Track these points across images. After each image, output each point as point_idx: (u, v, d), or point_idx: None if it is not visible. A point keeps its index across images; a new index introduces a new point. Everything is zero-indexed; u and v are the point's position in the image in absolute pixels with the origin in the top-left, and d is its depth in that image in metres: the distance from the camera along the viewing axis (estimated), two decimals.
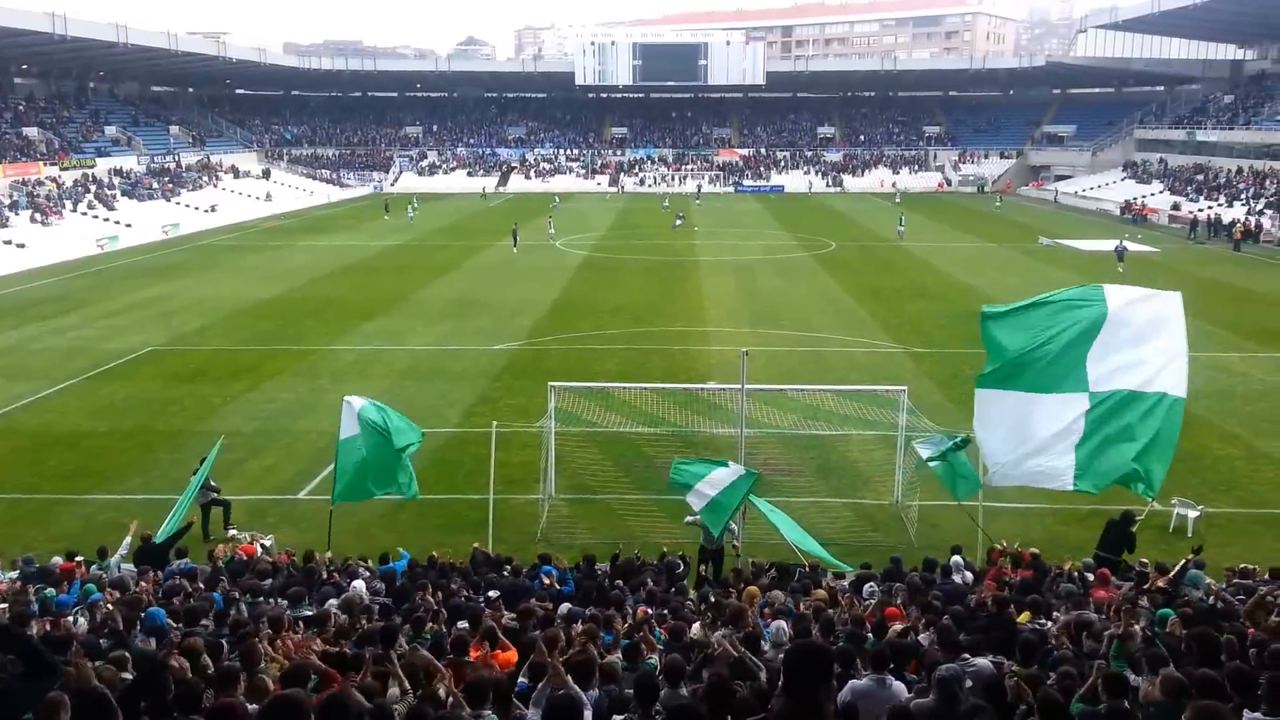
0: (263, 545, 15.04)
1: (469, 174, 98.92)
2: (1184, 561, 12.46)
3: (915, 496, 17.06)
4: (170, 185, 72.57)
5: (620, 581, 12.57)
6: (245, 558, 13.95)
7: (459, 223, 67.45)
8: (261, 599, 11.46)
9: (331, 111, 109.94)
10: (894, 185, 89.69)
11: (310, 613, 10.58)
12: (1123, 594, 11.31)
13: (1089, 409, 11.88)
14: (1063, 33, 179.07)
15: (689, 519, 14.93)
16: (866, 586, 12.29)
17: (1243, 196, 64.88)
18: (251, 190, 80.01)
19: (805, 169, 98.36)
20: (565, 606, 11.09)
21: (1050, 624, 9.80)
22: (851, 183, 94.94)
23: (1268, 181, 65.41)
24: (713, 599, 11.57)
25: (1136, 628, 8.69)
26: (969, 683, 6.80)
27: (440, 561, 13.59)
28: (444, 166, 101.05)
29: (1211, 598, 11.05)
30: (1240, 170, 70.07)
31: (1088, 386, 11.95)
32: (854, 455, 20.25)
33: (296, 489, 19.07)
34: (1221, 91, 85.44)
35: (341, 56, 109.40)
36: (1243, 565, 13.25)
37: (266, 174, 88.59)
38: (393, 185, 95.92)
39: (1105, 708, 6.36)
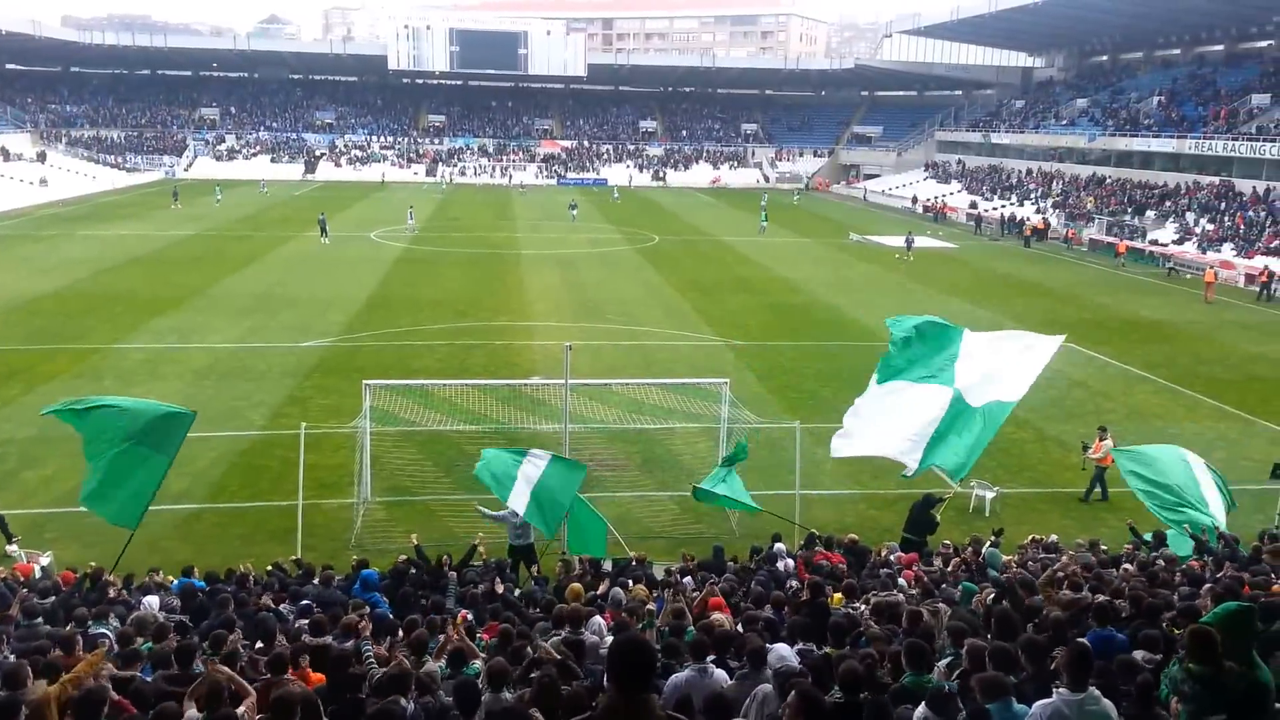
0: (40, 565, 13.88)
1: (273, 160, 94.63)
2: (988, 541, 13.48)
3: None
4: None
5: (447, 582, 12.33)
6: (21, 578, 12.83)
7: (262, 211, 64.40)
8: (39, 620, 10.56)
9: (117, 90, 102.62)
10: (760, 181, 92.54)
11: (103, 632, 9.88)
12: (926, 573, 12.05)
13: (950, 406, 13.34)
14: (870, 37, 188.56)
15: (490, 514, 14.82)
16: (688, 578, 12.54)
17: (1032, 196, 70.28)
18: (24, 174, 73.60)
19: (628, 163, 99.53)
20: (380, 614, 10.77)
21: (863, 606, 10.29)
22: (674, 177, 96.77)
23: (1055, 182, 71.12)
24: (546, 599, 11.53)
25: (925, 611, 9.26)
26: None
27: (242, 573, 12.92)
28: (244, 151, 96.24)
29: (1007, 575, 11.90)
30: (1030, 171, 75.87)
31: (954, 383, 13.59)
32: (678, 448, 20.63)
33: (79, 501, 17.67)
34: (1013, 97, 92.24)
35: (128, 31, 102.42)
36: (1033, 537, 14.41)
37: (42, 157, 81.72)
38: (186, 170, 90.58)
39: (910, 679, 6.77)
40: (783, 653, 7.72)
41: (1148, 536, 13.89)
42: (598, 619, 9.53)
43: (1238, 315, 38.02)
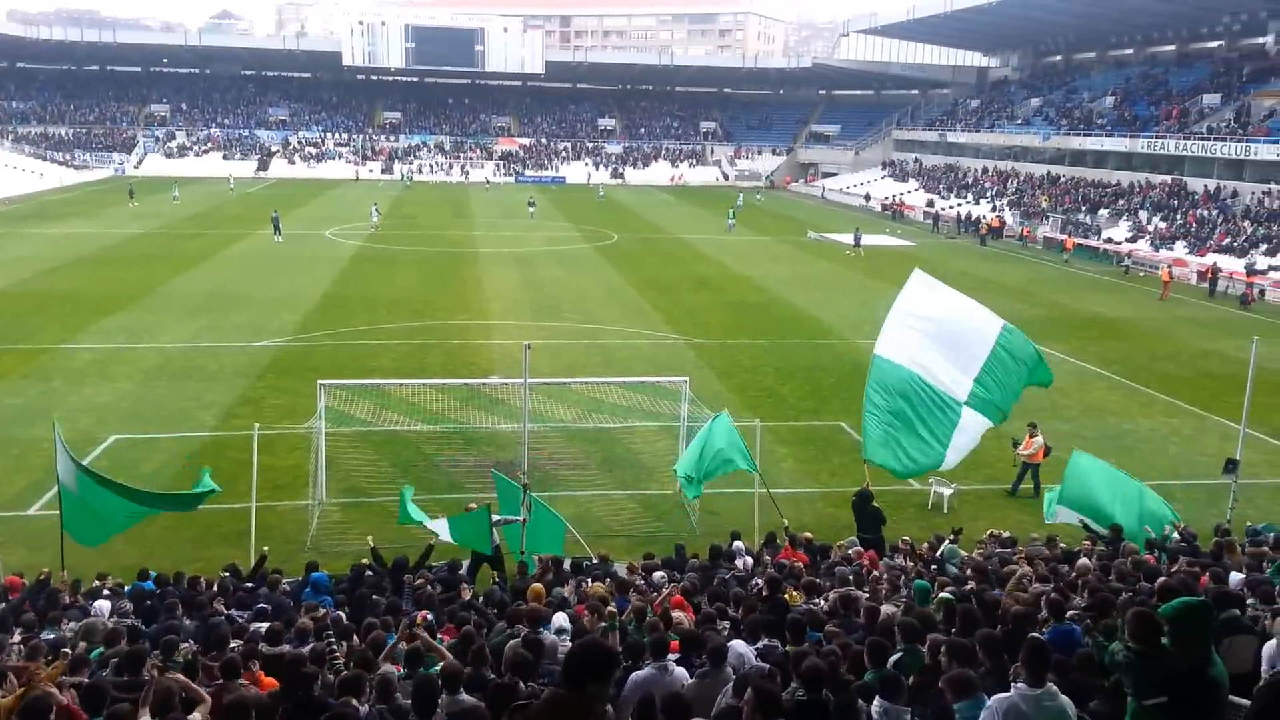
0: None
1: (224, 157, 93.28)
2: (946, 539, 13.64)
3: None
4: None
5: (403, 584, 12.20)
6: None
7: (214, 209, 63.42)
8: None
9: (65, 86, 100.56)
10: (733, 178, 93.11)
11: (51, 638, 9.67)
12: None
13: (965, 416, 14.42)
14: (827, 36, 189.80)
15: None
16: (657, 574, 12.53)
17: (988, 195, 71.19)
18: None
19: (586, 160, 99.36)
20: (336, 616, 10.63)
21: (823, 603, 10.33)
22: (633, 175, 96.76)
23: (1010, 181, 72.08)
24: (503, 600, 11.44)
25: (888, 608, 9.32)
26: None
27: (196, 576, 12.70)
28: (195, 148, 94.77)
29: (969, 569, 12.02)
30: (986, 170, 76.85)
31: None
32: (638, 447, 20.60)
33: (26, 504, 17.28)
34: (969, 96, 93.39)
35: (76, 26, 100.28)
36: (991, 532, 14.57)
37: None
38: (137, 168, 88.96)
39: (873, 675, 6.80)
40: (740, 650, 7.72)
41: (1104, 531, 14.09)
42: (559, 617, 9.47)
43: (1190, 312, 38.77)
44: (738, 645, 7.83)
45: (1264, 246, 46.35)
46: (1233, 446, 16.79)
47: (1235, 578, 9.94)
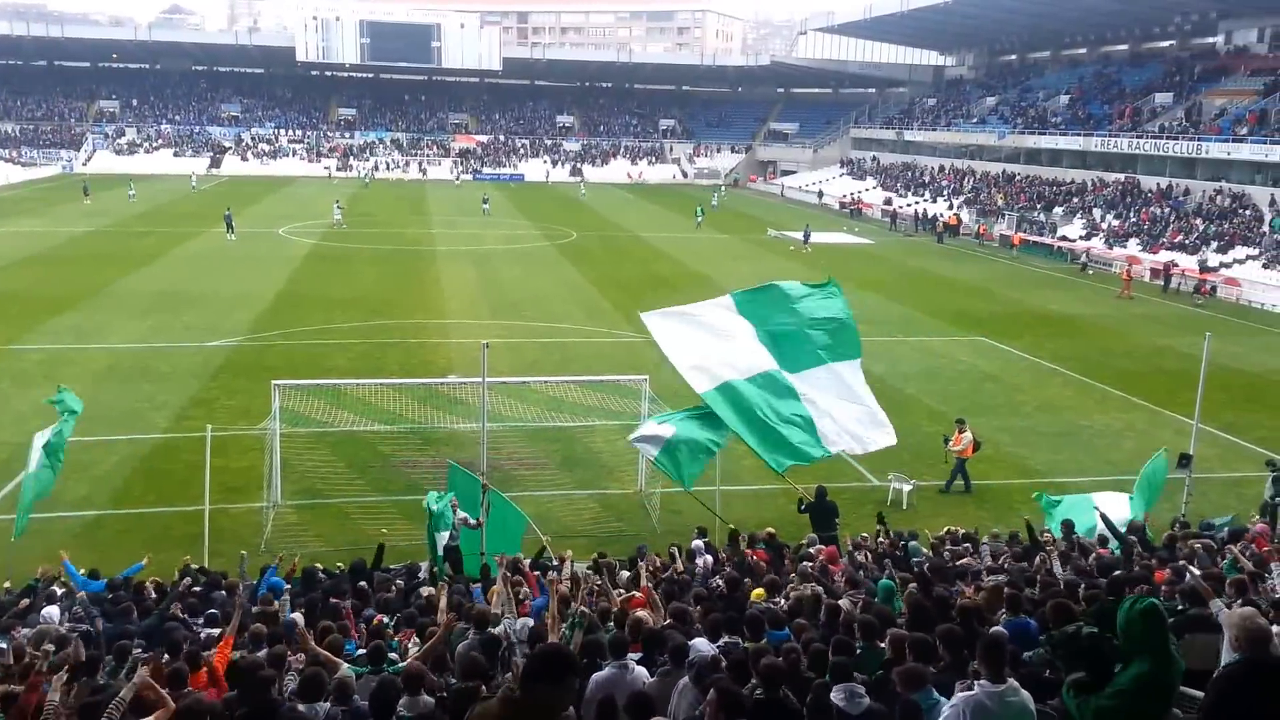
0: None
1: (175, 154, 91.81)
2: (903, 537, 13.77)
3: (658, 484, 17.58)
4: None
5: (362, 586, 12.06)
6: None
7: (165, 207, 62.37)
8: None
9: (11, 82, 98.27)
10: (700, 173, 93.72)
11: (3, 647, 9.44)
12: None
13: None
14: (785, 34, 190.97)
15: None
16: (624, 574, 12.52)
17: (945, 193, 71.99)
18: None
19: (545, 158, 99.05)
20: (296, 617, 10.48)
21: (784, 601, 10.37)
22: (591, 173, 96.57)
23: (966, 179, 72.95)
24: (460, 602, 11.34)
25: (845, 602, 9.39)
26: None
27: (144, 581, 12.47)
28: (146, 145, 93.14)
29: (927, 565, 12.13)
30: (943, 168, 77.69)
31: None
32: (598, 446, 20.56)
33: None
34: (925, 95, 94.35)
35: (21, 21, 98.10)
36: (949, 529, 14.73)
37: None
38: (85, 165, 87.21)
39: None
40: (700, 647, 7.72)
41: (1054, 527, 14.31)
42: (521, 620, 9.41)
43: (1144, 309, 39.48)
44: (698, 643, 7.83)
45: (1215, 244, 47.31)
46: (1186, 441, 17.11)
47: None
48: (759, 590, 10.55)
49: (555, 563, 13.61)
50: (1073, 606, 6.16)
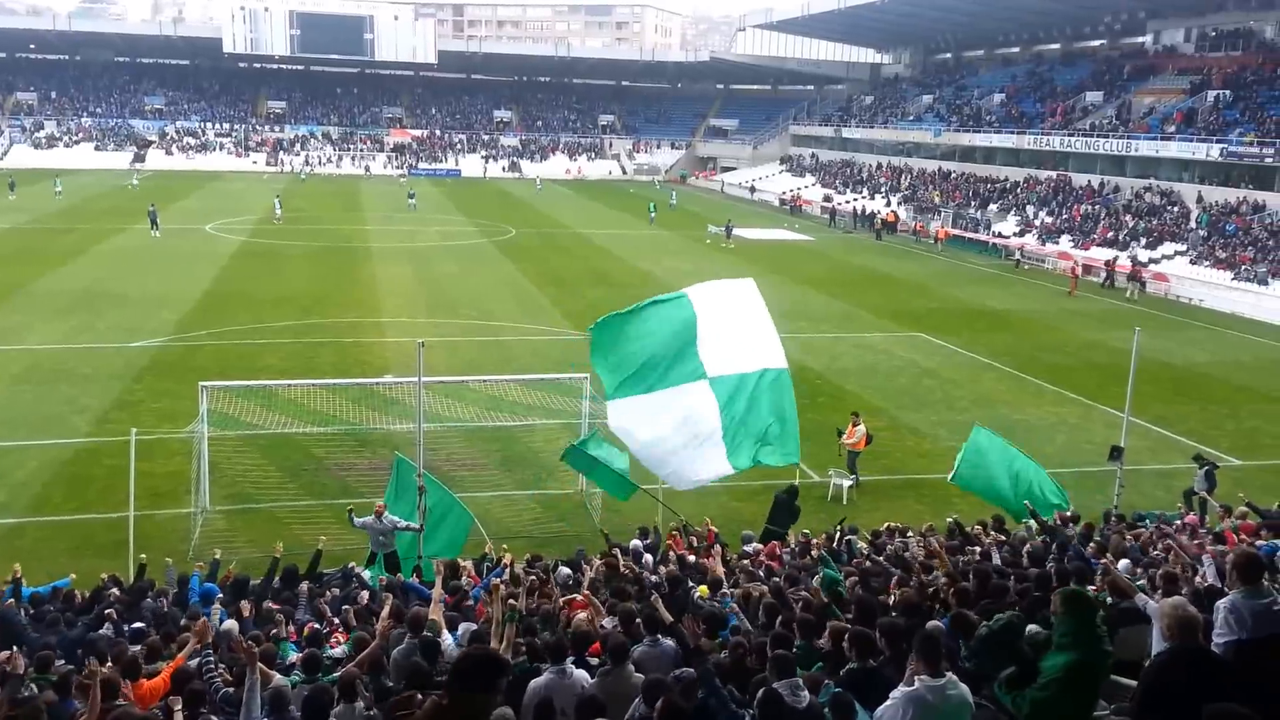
0: None
1: (97, 148, 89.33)
2: (838, 531, 13.96)
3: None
4: None
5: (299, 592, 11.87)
6: None
7: (87, 203, 60.62)
8: None
9: None
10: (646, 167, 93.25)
11: None
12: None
13: (716, 395, 12.75)
14: (724, 30, 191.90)
15: (356, 521, 14.50)
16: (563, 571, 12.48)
17: (883, 190, 73.02)
18: None
19: (483, 153, 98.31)
20: (230, 624, 10.27)
21: (729, 597, 10.41)
22: (530, 168, 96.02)
23: (904, 176, 74.06)
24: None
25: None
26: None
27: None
28: (66, 139, 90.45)
29: (867, 562, 12.28)
30: (881, 165, 78.77)
31: (705, 373, 12.86)
32: (538, 445, 20.46)
33: None
34: (863, 92, 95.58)
35: None
36: (888, 525, 14.95)
37: None
38: (1, 159, 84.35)
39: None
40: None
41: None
42: (465, 625, 9.34)
43: (1076, 304, 40.45)
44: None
45: (1144, 240, 48.65)
46: (1117, 434, 17.56)
47: (1123, 564, 10.37)
48: (704, 588, 10.59)
49: (499, 567, 13.53)
50: (919, 600, 6.54)
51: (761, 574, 11.75)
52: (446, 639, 8.67)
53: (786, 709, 5.85)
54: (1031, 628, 7.01)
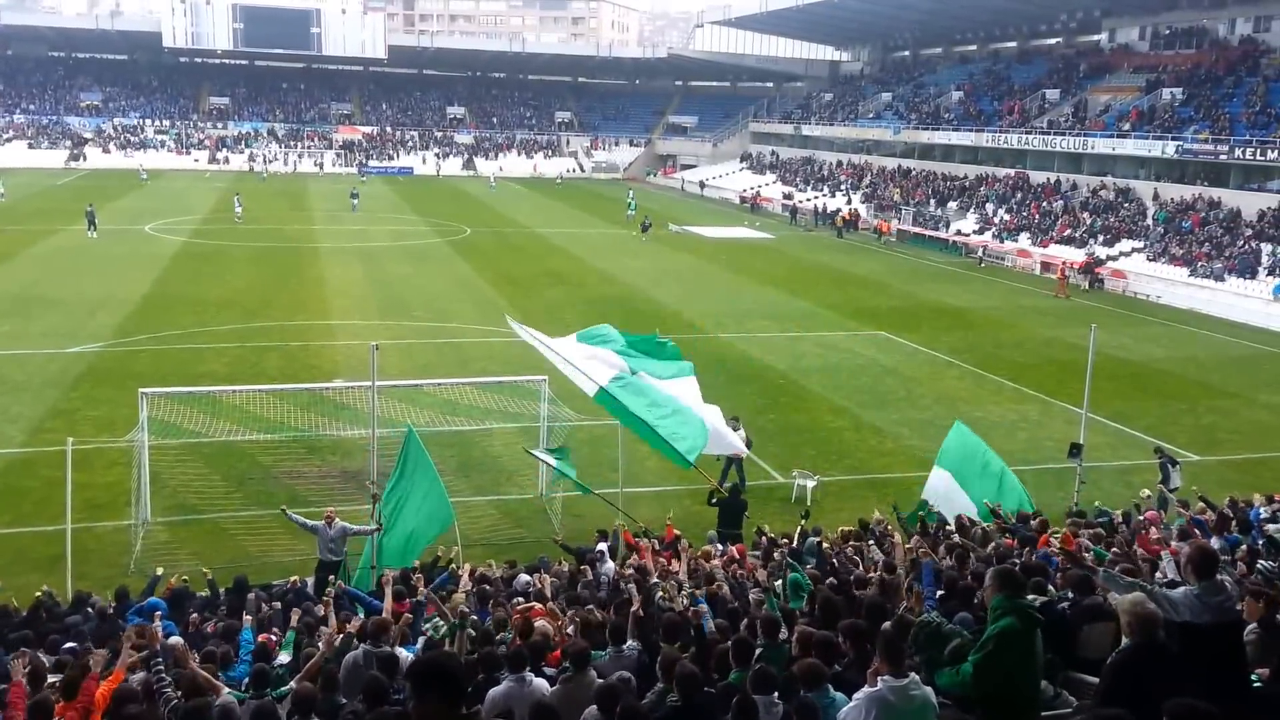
0: None
1: (30, 146, 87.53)
2: (800, 530, 14.07)
3: (559, 489, 17.51)
4: None
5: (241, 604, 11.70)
6: None
7: (17, 204, 59.27)
8: None
9: None
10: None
11: None
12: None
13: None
14: (682, 26, 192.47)
15: (302, 522, 14.37)
16: (522, 578, 12.45)
17: (843, 187, 73.59)
18: None
19: (436, 150, 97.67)
20: (175, 640, 10.10)
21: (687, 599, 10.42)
22: (485, 166, 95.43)
23: (864, 174, 74.71)
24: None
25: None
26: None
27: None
28: None
29: (828, 563, 12.37)
30: (840, 163, 79.38)
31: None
32: (496, 450, 20.38)
33: None
34: (822, 90, 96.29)
35: None
36: (845, 528, 15.07)
37: None
38: None
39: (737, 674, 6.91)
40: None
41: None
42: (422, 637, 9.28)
43: (1034, 302, 41.06)
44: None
45: (1102, 237, 49.51)
46: (1076, 431, 17.84)
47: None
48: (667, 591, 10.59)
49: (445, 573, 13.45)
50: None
51: (720, 576, 11.78)
52: (401, 651, 8.61)
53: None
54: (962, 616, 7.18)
